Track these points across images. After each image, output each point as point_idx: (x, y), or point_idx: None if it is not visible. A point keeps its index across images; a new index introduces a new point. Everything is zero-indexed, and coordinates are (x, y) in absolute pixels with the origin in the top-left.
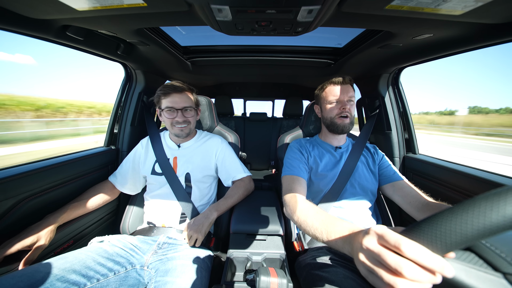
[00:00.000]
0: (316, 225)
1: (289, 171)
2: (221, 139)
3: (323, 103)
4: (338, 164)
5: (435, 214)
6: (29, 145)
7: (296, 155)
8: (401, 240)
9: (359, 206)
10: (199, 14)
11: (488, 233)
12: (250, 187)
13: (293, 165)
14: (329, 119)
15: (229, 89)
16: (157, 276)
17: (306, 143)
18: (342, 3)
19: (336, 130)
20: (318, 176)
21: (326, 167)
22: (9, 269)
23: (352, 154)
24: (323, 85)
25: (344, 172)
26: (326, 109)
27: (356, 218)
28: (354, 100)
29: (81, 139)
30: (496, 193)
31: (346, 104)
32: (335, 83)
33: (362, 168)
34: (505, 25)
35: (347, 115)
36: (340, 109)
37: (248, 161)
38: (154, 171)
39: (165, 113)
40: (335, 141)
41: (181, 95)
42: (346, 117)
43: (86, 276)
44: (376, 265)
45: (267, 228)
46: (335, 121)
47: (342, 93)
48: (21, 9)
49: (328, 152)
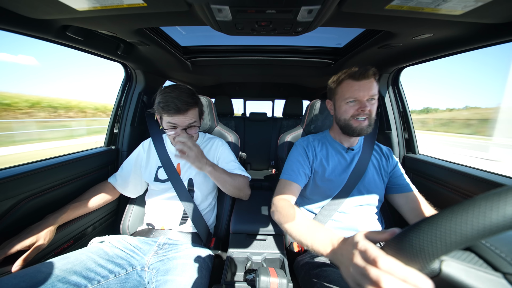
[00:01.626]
0: (301, 232)
1: (288, 175)
2: (222, 142)
3: (337, 100)
4: (348, 168)
5: (435, 215)
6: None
7: (299, 157)
8: (379, 257)
9: (364, 212)
10: (199, 14)
11: (488, 233)
12: (246, 188)
13: (293, 169)
14: (343, 121)
15: (229, 89)
16: (157, 276)
17: (314, 141)
18: (342, 3)
19: (351, 133)
20: (325, 181)
21: (334, 171)
22: (9, 269)
23: (363, 156)
24: (339, 76)
25: (353, 177)
26: (340, 108)
27: (361, 224)
28: (377, 97)
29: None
30: (496, 193)
31: (366, 105)
32: (354, 78)
33: (372, 172)
34: (505, 25)
35: (366, 117)
36: (358, 110)
37: (248, 161)
38: (157, 177)
39: (168, 130)
40: (347, 141)
41: (185, 115)
42: (364, 119)
43: (87, 277)
44: (362, 278)
45: (267, 228)
46: (350, 123)
47: (363, 90)
48: (21, 9)
49: (338, 154)
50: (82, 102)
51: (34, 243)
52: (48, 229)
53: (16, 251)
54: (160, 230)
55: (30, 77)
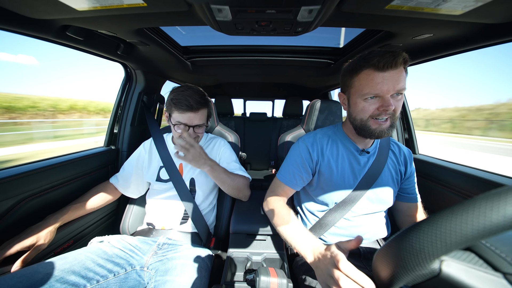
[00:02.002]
0: (288, 233)
1: (282, 177)
2: (224, 141)
3: (353, 95)
4: (360, 173)
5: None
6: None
7: (298, 158)
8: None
9: (372, 219)
10: (199, 14)
11: (488, 233)
12: (246, 189)
13: (289, 172)
14: (359, 121)
15: (229, 89)
16: (156, 276)
17: (323, 138)
18: (342, 3)
19: (368, 136)
20: (330, 185)
21: (343, 176)
22: (8, 269)
23: (378, 159)
24: (357, 63)
25: (364, 183)
26: (357, 105)
27: (365, 233)
28: (404, 92)
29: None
30: (497, 193)
31: (390, 103)
32: (378, 68)
33: (387, 177)
34: (505, 25)
35: (388, 117)
36: (380, 109)
37: (248, 161)
38: (159, 177)
39: (175, 127)
40: (361, 142)
41: (196, 113)
42: (386, 119)
43: (85, 277)
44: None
45: (267, 228)
46: (368, 124)
47: (387, 83)
48: (21, 9)
49: (350, 155)
50: (93, 102)
51: (34, 244)
52: (48, 229)
53: (16, 251)
54: (160, 230)
55: (31, 76)
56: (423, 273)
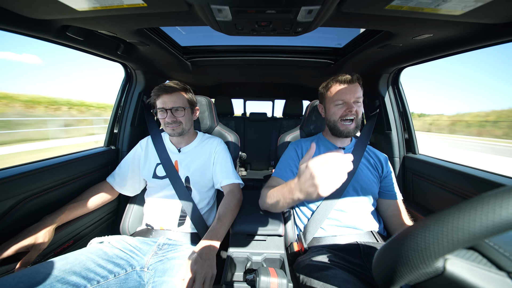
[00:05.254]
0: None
1: (276, 173)
2: (220, 142)
3: (327, 103)
4: None
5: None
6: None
7: (287, 157)
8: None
9: (361, 209)
10: (199, 14)
11: (497, 230)
12: (239, 199)
13: (280, 168)
14: (332, 122)
15: (229, 89)
16: (155, 276)
17: (306, 142)
18: (342, 3)
19: (338, 134)
20: None
21: None
22: (7, 269)
23: (354, 155)
24: (328, 82)
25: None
26: (330, 110)
27: (358, 221)
28: (361, 100)
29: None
30: (506, 190)
31: (352, 106)
32: (341, 82)
33: (365, 170)
34: (505, 25)
35: (353, 118)
36: (346, 111)
37: (248, 161)
38: (156, 174)
39: (158, 113)
40: (338, 141)
41: (170, 95)
42: (351, 120)
43: (86, 278)
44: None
45: (267, 228)
46: (338, 125)
47: (349, 93)
48: (21, 9)
49: (329, 151)
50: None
51: (32, 244)
52: (46, 229)
53: (13, 252)
54: (160, 230)
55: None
56: (427, 271)
